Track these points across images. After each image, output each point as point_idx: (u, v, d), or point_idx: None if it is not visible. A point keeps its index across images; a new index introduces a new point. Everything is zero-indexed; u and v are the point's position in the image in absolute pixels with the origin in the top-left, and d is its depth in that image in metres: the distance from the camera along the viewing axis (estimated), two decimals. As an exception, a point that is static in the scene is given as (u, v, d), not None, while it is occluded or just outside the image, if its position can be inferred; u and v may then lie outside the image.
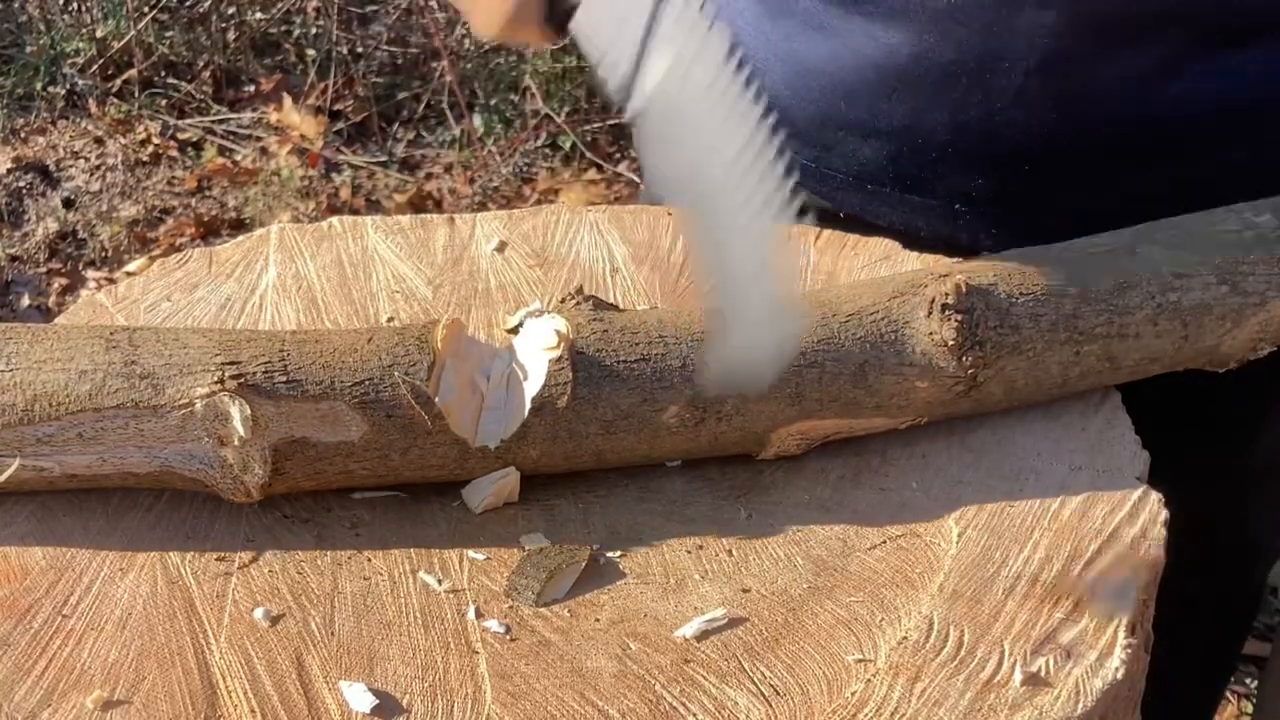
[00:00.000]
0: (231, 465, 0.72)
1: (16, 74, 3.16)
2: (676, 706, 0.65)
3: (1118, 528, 0.75)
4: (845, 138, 0.99)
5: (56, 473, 0.74)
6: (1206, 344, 0.83)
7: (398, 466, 0.75)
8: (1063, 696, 0.65)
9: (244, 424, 0.71)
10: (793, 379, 0.77)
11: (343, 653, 0.68)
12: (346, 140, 3.05)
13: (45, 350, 0.73)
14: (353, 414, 0.73)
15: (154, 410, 0.72)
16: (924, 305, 0.79)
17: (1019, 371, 0.81)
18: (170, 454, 0.72)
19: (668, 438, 0.77)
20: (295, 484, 0.75)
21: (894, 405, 0.80)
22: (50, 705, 0.64)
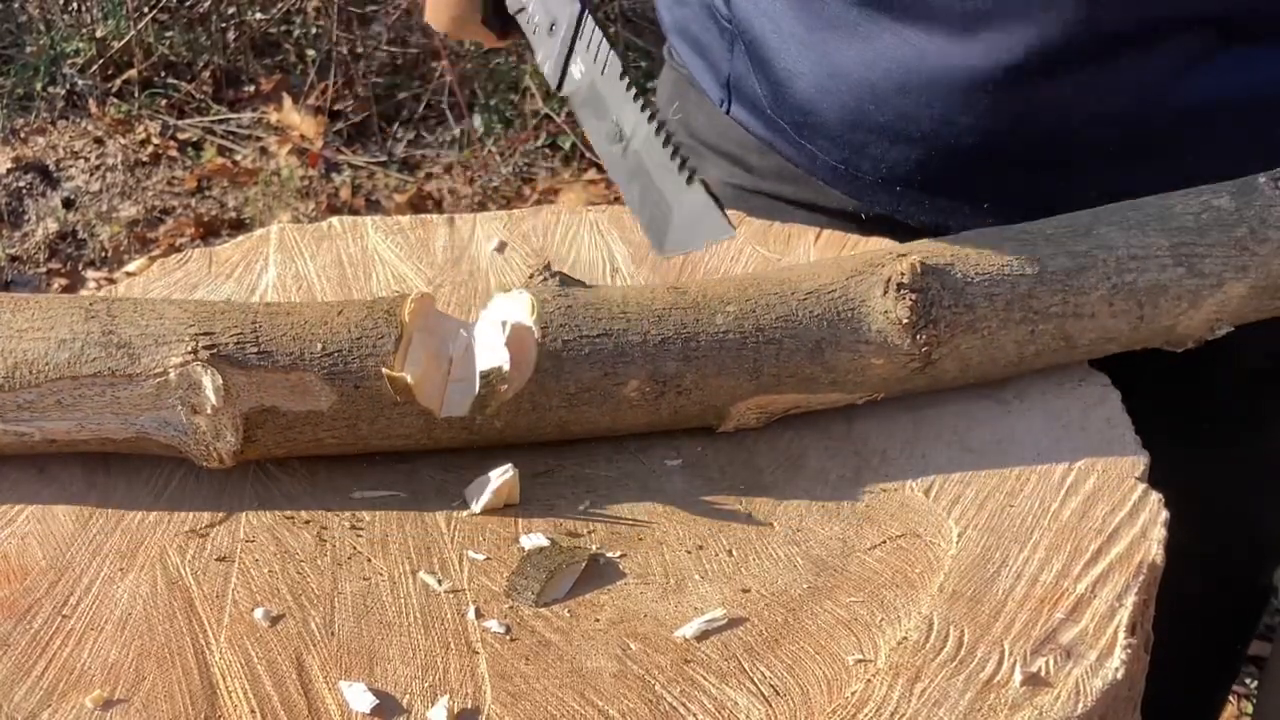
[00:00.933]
0: (204, 432, 0.74)
1: (16, 74, 3.16)
2: (676, 707, 0.65)
3: (1118, 528, 0.75)
4: (875, 140, 0.99)
5: (36, 438, 0.76)
6: (1163, 324, 0.85)
7: (365, 435, 0.77)
8: (1063, 696, 0.65)
9: (216, 393, 0.73)
10: (750, 355, 0.79)
11: (343, 653, 0.68)
12: (346, 140, 3.05)
13: (26, 319, 0.76)
14: (322, 385, 0.75)
15: (130, 379, 0.74)
16: (880, 284, 0.81)
17: (973, 350, 0.82)
18: (146, 421, 0.75)
19: (629, 410, 0.79)
20: (267, 451, 0.77)
21: (849, 381, 0.81)
22: (50, 705, 0.64)
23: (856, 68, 0.98)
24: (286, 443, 0.76)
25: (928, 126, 0.96)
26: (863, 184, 1.02)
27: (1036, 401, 0.85)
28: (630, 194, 0.75)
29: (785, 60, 1.02)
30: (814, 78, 1.00)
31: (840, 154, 1.02)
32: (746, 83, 1.06)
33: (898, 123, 0.98)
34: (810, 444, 0.83)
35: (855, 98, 0.99)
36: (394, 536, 0.75)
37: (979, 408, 0.85)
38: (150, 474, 0.79)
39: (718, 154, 1.14)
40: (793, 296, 0.81)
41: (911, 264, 0.81)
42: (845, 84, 0.99)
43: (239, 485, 0.79)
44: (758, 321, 0.80)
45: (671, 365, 0.79)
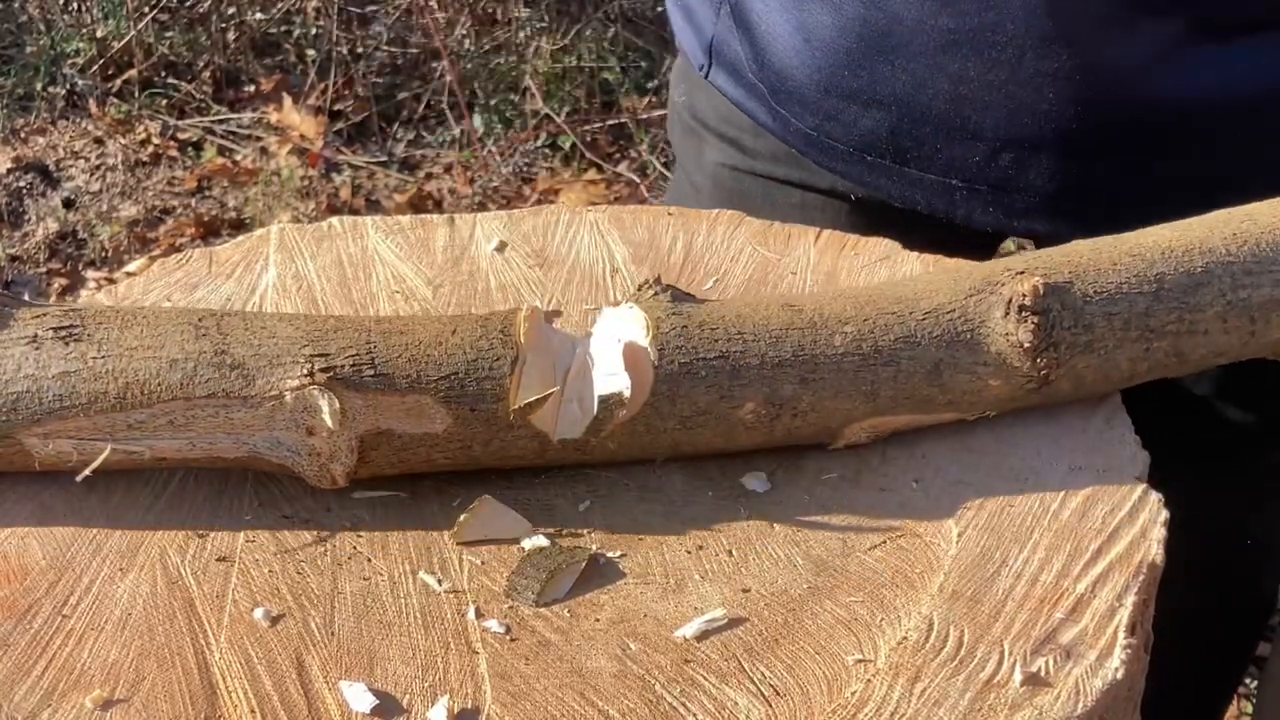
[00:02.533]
0: (319, 454, 0.74)
1: (16, 74, 3.16)
2: (676, 707, 0.65)
3: (1118, 528, 0.75)
4: (847, 107, 1.00)
5: (146, 456, 0.75)
6: (1273, 338, 0.83)
7: (479, 456, 0.76)
8: (1063, 696, 0.65)
9: (332, 417, 0.73)
10: (868, 378, 0.78)
11: (343, 653, 0.68)
12: (346, 140, 3.05)
13: (135, 337, 0.75)
14: (437, 407, 0.74)
15: (244, 400, 0.73)
16: (1000, 305, 0.79)
17: (1089, 370, 0.81)
18: (258, 441, 0.74)
19: (743, 432, 0.78)
20: (379, 470, 0.76)
21: (965, 402, 0.80)
22: (50, 705, 0.64)
23: (830, 32, 0.99)
24: (400, 463, 0.76)
25: (901, 91, 0.97)
26: (835, 153, 1.03)
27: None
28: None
29: (766, 22, 1.03)
30: (791, 40, 1.01)
31: (813, 120, 1.03)
32: (729, 45, 1.08)
33: (869, 87, 0.98)
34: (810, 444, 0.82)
35: (830, 60, 1.00)
36: (394, 536, 0.75)
37: (979, 408, 0.85)
38: (150, 474, 0.79)
39: (717, 136, 1.16)
40: (911, 316, 0.79)
41: (1034, 286, 0.78)
42: (820, 46, 1.00)
43: (239, 485, 0.79)
44: (876, 343, 0.78)
45: (788, 389, 0.77)
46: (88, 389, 0.73)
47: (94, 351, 0.74)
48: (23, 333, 0.74)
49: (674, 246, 1.00)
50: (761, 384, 0.77)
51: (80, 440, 0.74)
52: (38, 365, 0.74)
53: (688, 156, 1.20)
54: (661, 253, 0.99)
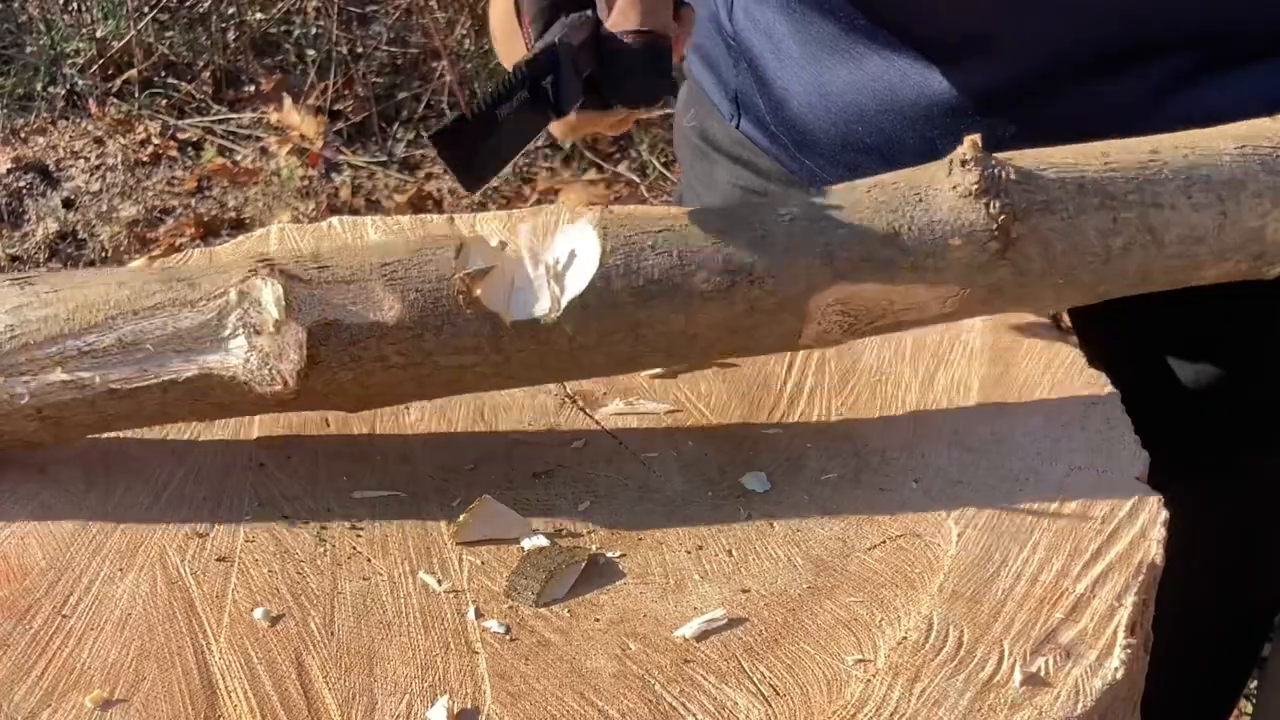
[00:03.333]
0: (267, 353, 0.73)
1: (16, 74, 3.16)
2: (676, 707, 0.65)
3: (1118, 528, 0.75)
4: (866, 160, 1.01)
5: (97, 385, 0.75)
6: (1249, 224, 0.82)
7: (432, 350, 0.75)
8: (1062, 696, 0.65)
9: (277, 304, 0.73)
10: (822, 239, 0.78)
11: (343, 653, 0.68)
12: (346, 140, 3.05)
13: (87, 274, 0.78)
14: (384, 292, 0.74)
15: (190, 305, 0.74)
16: (943, 167, 0.80)
17: (1054, 234, 0.80)
18: (207, 354, 0.74)
19: (702, 305, 0.77)
20: (333, 377, 0.75)
21: (930, 266, 0.79)
22: (50, 705, 0.64)
23: (846, 89, 1.00)
24: (352, 362, 0.74)
25: (914, 148, 0.97)
26: None
27: (1036, 401, 0.85)
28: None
29: (781, 79, 1.04)
30: (806, 97, 1.02)
31: (837, 171, 1.03)
32: (750, 98, 1.08)
33: (886, 144, 0.99)
34: (810, 444, 0.83)
35: (844, 118, 1.00)
36: (394, 536, 0.75)
37: (979, 408, 0.85)
38: (150, 474, 0.79)
39: (730, 159, 1.15)
40: (856, 189, 0.80)
41: (972, 141, 0.80)
42: (835, 105, 1.01)
43: (239, 485, 0.79)
44: (824, 210, 0.78)
45: (741, 253, 0.77)
46: (38, 315, 0.75)
47: (46, 288, 0.76)
48: None
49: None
50: (713, 250, 0.77)
51: (31, 376, 0.74)
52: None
53: (697, 177, 1.20)
54: (661, 253, 0.99)
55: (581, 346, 0.77)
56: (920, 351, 0.91)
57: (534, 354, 0.76)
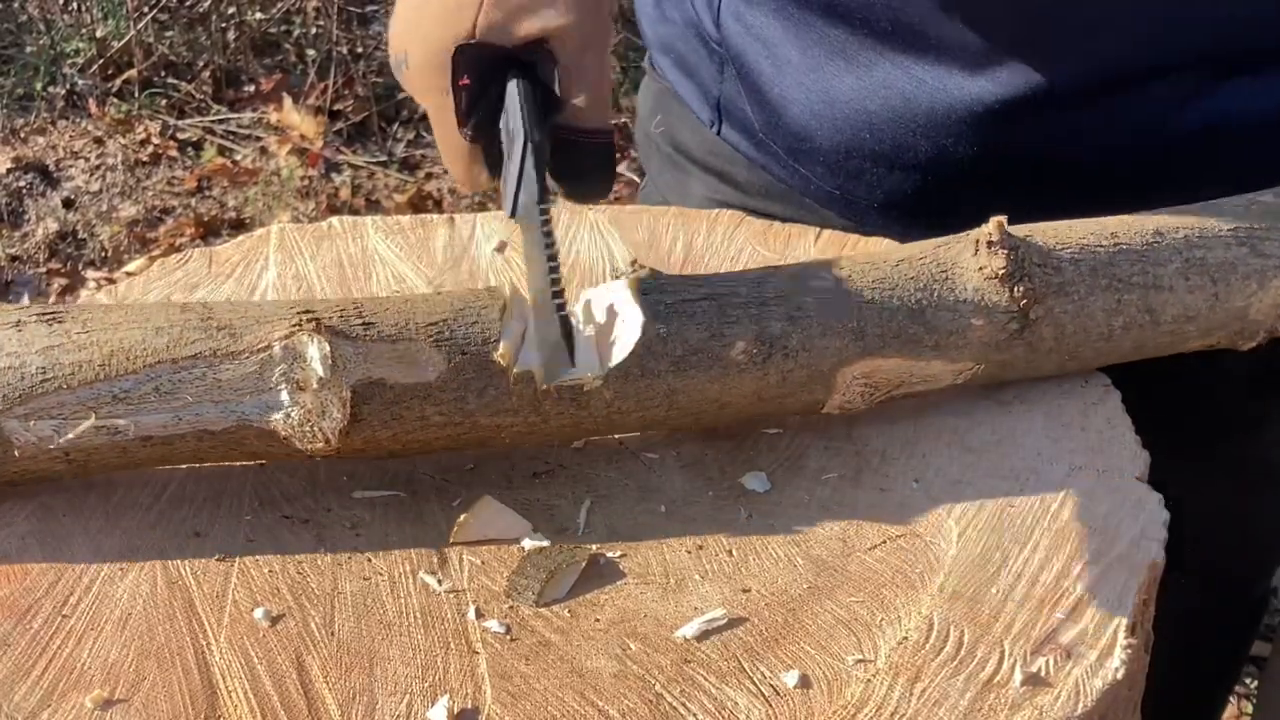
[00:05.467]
0: (310, 410, 0.72)
1: (16, 74, 3.16)
2: (676, 707, 0.65)
3: (1118, 528, 0.75)
4: (870, 168, 0.99)
5: (131, 434, 0.72)
6: (1236, 304, 0.86)
7: (474, 411, 0.75)
8: (1063, 696, 0.65)
9: (323, 363, 0.71)
10: (854, 314, 0.80)
11: (343, 653, 0.68)
12: (346, 140, 3.05)
13: (120, 315, 0.74)
14: (430, 351, 0.74)
15: (231, 357, 0.72)
16: (970, 246, 0.83)
17: (1066, 315, 0.83)
18: (247, 406, 0.72)
19: (737, 376, 0.78)
20: (373, 435, 0.74)
21: (951, 344, 0.81)
22: (50, 705, 0.64)
23: (854, 96, 0.98)
24: (393, 421, 0.74)
25: (925, 155, 0.96)
26: (857, 208, 1.02)
27: (1036, 401, 0.85)
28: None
29: (779, 86, 1.01)
30: (808, 104, 1.00)
31: (835, 180, 1.01)
32: (737, 105, 1.05)
33: (894, 151, 0.97)
34: (810, 444, 0.83)
35: (851, 125, 0.98)
36: (394, 536, 0.75)
37: (979, 408, 0.85)
38: (150, 474, 0.79)
39: (704, 169, 1.12)
40: (885, 264, 0.82)
41: (998, 223, 0.82)
42: (841, 111, 0.99)
43: (239, 485, 0.79)
44: (857, 284, 0.80)
45: (777, 325, 0.79)
46: (71, 360, 0.72)
47: (78, 328, 0.73)
48: (5, 320, 0.74)
49: (674, 246, 1.00)
50: (750, 322, 0.78)
51: (62, 420, 0.72)
52: (20, 344, 0.72)
53: (669, 186, 1.17)
54: (662, 252, 0.99)
55: (618, 411, 0.78)
56: (920, 351, 0.91)
57: (571, 417, 0.77)
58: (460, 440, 0.77)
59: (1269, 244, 0.87)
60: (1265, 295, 0.87)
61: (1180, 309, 0.85)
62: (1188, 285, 0.85)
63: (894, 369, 0.81)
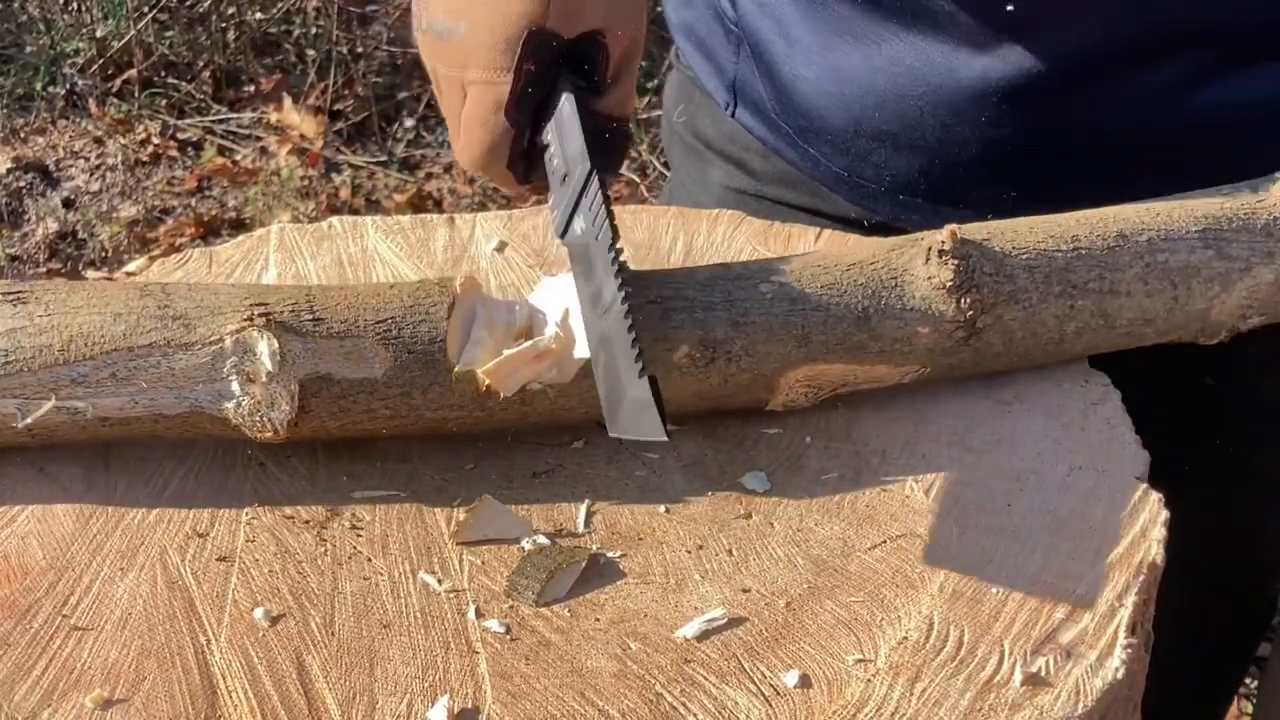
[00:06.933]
0: (259, 402, 0.74)
1: (16, 74, 3.16)
2: (676, 706, 0.65)
3: (1118, 528, 0.75)
4: (878, 148, 0.99)
5: (89, 415, 0.75)
6: (1197, 307, 0.86)
7: (419, 405, 0.77)
8: (1063, 696, 0.65)
9: (271, 358, 0.74)
10: (799, 321, 0.80)
11: (343, 653, 0.68)
12: (346, 140, 3.05)
13: (82, 298, 0.76)
14: (376, 349, 0.75)
15: (185, 348, 0.74)
16: (921, 254, 0.83)
17: (1016, 322, 0.83)
18: (200, 394, 0.75)
19: (679, 380, 0.79)
20: (321, 424, 0.76)
21: (897, 351, 0.82)
22: (50, 705, 0.64)
23: (862, 73, 0.98)
24: (340, 414, 0.76)
25: (932, 135, 0.96)
26: (866, 191, 1.02)
27: (1036, 401, 0.85)
28: (596, 363, 0.75)
29: (790, 64, 1.02)
30: (818, 82, 1.00)
31: (843, 160, 1.02)
32: (751, 86, 1.06)
33: (901, 130, 0.97)
34: (810, 444, 0.83)
35: (860, 103, 0.99)
36: (394, 536, 0.75)
37: (979, 408, 0.85)
38: (150, 474, 0.79)
39: (721, 157, 1.14)
40: (836, 268, 0.82)
41: (951, 231, 0.82)
42: (850, 89, 0.99)
43: (239, 485, 0.79)
44: (803, 289, 0.81)
45: (720, 331, 0.79)
46: (32, 343, 0.75)
47: (41, 310, 0.75)
48: None
49: (674, 246, 1.00)
50: (694, 326, 0.79)
51: (25, 399, 0.75)
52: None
53: (690, 175, 1.19)
54: (662, 252, 0.99)
55: (563, 408, 0.80)
56: (920, 351, 0.91)
57: (517, 412, 0.79)
58: (406, 430, 0.78)
59: (1235, 246, 0.86)
60: (1228, 298, 0.86)
61: (1137, 313, 0.85)
62: (1146, 290, 0.85)
63: (838, 373, 0.82)
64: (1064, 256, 0.84)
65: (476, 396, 0.77)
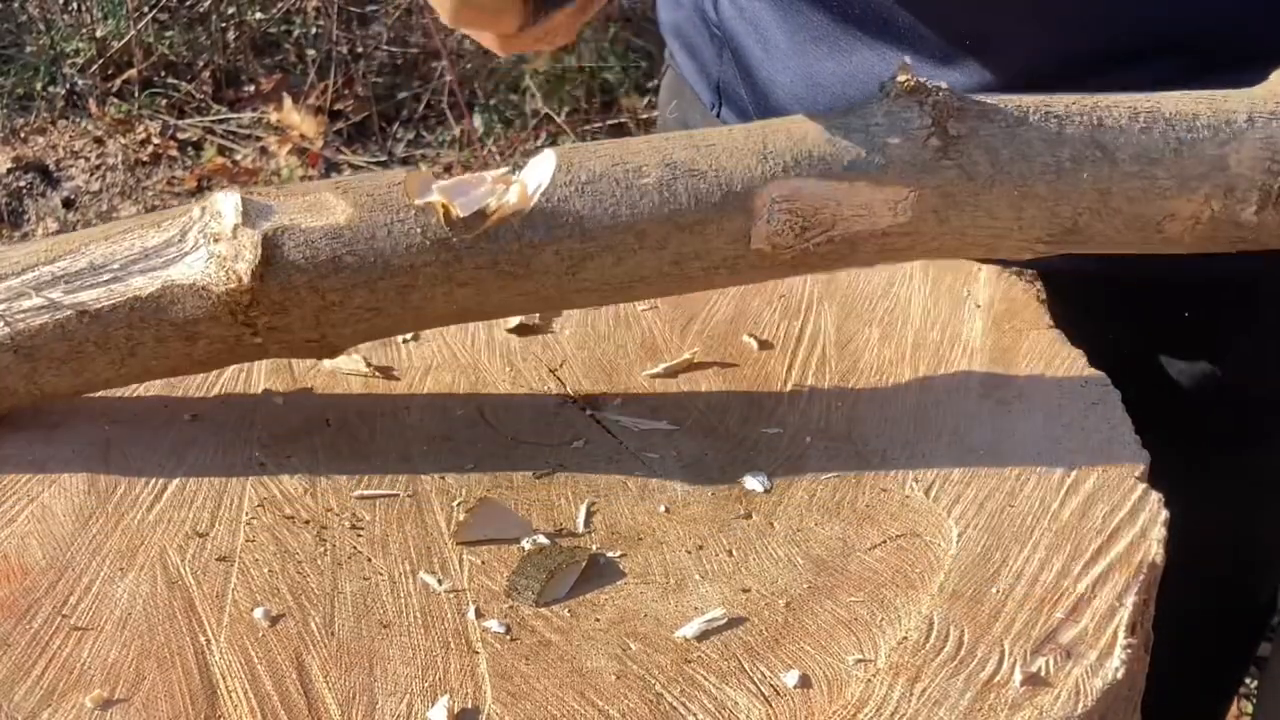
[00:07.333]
0: (224, 257, 0.76)
1: (16, 74, 3.16)
2: (676, 706, 0.65)
3: (1118, 528, 0.75)
4: None
5: (66, 304, 0.78)
6: (1208, 151, 0.81)
7: (385, 251, 0.77)
8: (1063, 696, 0.65)
9: (235, 211, 0.77)
10: (758, 139, 0.80)
11: (343, 653, 0.68)
12: (346, 140, 3.05)
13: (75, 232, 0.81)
14: (337, 200, 0.78)
15: (157, 225, 0.79)
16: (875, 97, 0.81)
17: (996, 140, 0.80)
18: (171, 270, 0.78)
19: (646, 198, 0.78)
20: (288, 278, 0.77)
21: (871, 163, 0.79)
22: (50, 705, 0.64)
23: (834, 81, 0.99)
24: (307, 265, 0.77)
25: None
26: None
27: (1036, 401, 0.85)
28: None
29: (767, 69, 1.03)
30: (792, 88, 1.02)
31: None
32: (734, 88, 1.08)
33: None
34: (810, 444, 0.83)
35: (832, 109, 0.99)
36: (394, 536, 0.75)
37: (979, 408, 0.85)
38: (150, 474, 0.79)
39: None
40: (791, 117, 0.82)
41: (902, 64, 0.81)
42: (823, 95, 1.00)
43: (239, 486, 0.79)
44: (760, 124, 0.81)
45: (681, 153, 0.79)
46: (18, 253, 0.80)
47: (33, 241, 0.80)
48: None
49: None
50: (652, 152, 0.79)
51: (7, 303, 0.78)
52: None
53: None
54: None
55: (530, 244, 0.78)
56: (920, 351, 0.91)
57: (486, 254, 0.78)
58: (378, 290, 0.78)
59: (1233, 101, 0.82)
60: (1242, 146, 0.81)
61: (1137, 148, 0.81)
62: (1140, 127, 0.81)
63: (815, 192, 0.79)
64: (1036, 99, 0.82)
65: (442, 237, 0.77)
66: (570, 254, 0.78)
